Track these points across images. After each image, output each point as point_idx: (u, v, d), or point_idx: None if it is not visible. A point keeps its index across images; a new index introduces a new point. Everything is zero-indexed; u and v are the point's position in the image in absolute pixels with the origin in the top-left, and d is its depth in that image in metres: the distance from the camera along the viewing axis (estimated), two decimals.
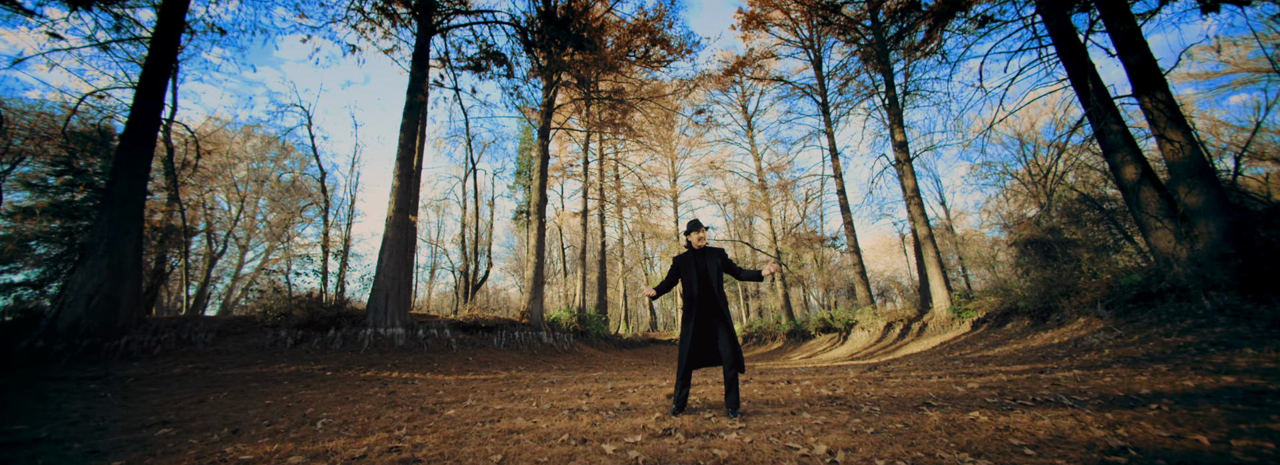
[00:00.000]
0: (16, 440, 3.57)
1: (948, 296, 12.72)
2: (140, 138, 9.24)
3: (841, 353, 13.23)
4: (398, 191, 10.26)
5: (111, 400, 5.56)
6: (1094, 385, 3.69)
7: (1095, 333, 6.96)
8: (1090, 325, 7.49)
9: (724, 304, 3.31)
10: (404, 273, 10.11)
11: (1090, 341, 6.63)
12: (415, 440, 2.35)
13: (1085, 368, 4.82)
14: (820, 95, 18.90)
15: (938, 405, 3.30)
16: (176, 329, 8.41)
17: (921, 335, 12.52)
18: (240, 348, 8.20)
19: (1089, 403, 3.10)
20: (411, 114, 10.99)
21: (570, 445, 2.30)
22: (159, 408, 4.77)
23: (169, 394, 5.88)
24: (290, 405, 4.65)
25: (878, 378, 4.97)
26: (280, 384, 6.61)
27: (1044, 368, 5.24)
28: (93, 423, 4.08)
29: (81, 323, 7.99)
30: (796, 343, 15.79)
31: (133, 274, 8.96)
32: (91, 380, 6.65)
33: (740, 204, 23.13)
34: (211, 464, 2.07)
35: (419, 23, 11.72)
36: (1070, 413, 2.86)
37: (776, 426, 2.76)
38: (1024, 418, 2.81)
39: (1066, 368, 5.02)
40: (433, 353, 9.29)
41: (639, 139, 19.52)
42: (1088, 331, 7.21)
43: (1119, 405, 2.96)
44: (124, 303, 8.54)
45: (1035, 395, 3.46)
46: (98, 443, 3.27)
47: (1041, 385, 3.92)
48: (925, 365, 6.92)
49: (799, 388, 4.29)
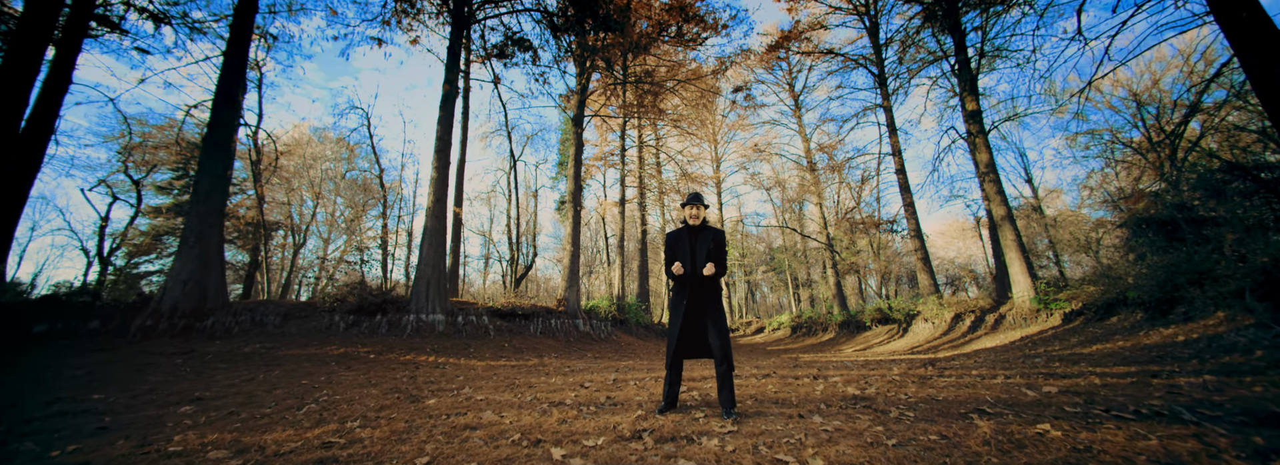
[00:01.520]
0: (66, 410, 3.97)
1: (1031, 285, 11.05)
2: (219, 141, 10.25)
3: (900, 346, 12.02)
4: (435, 183, 10.61)
5: (185, 373, 6.20)
6: (1235, 396, 2.79)
7: (1241, 330, 5.54)
8: (1234, 321, 6.00)
9: (716, 290, 2.88)
10: (443, 261, 10.47)
11: (1233, 340, 5.28)
12: (361, 434, 2.20)
13: (1223, 373, 3.77)
14: (876, 66, 17.10)
15: (994, 412, 2.65)
16: (252, 312, 9.34)
17: (997, 328, 11.03)
18: (302, 330, 8.94)
19: (1225, 419, 2.31)
20: (446, 107, 11.28)
21: (518, 447, 2.02)
22: (210, 384, 5.18)
23: (232, 371, 6.45)
24: (314, 387, 4.85)
25: (926, 375, 4.25)
26: (327, 365, 7.06)
27: (1159, 371, 4.19)
28: (150, 396, 4.46)
29: (178, 305, 9.07)
30: (850, 334, 14.63)
31: (217, 262, 10.04)
32: (179, 355, 7.50)
33: (788, 188, 21.75)
34: (151, 452, 2.03)
35: (451, 15, 11.96)
36: (1193, 431, 2.12)
37: (773, 432, 2.31)
38: (1118, 435, 2.12)
39: (1193, 372, 3.97)
40: (470, 339, 9.57)
41: (677, 124, 18.87)
42: (1229, 328, 5.77)
43: (1274, 424, 2.16)
44: (211, 288, 9.60)
45: (1141, 405, 2.67)
46: (124, 416, 3.51)
47: (1152, 393, 3.07)
48: (994, 362, 5.94)
49: (822, 385, 3.74)
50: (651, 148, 20.83)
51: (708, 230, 2.99)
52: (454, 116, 11.57)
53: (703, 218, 3.01)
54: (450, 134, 11.34)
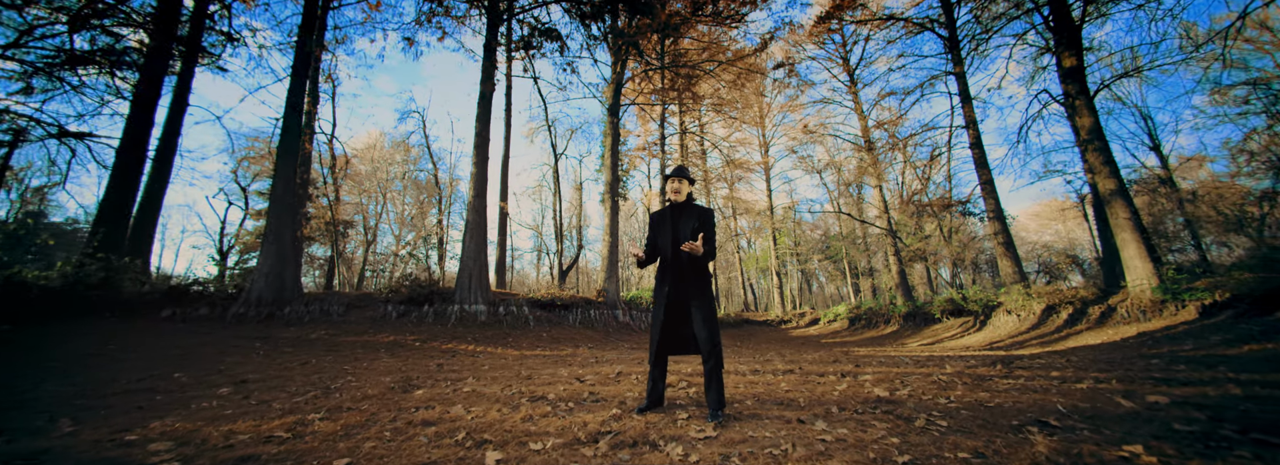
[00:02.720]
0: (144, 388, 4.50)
1: (1151, 271, 9.24)
2: (289, 147, 11.34)
3: (975, 340, 10.67)
4: (475, 179, 10.97)
5: (256, 356, 6.92)
6: None
7: None
8: None
9: (703, 275, 2.53)
10: (484, 254, 10.85)
11: None
12: (317, 427, 2.16)
13: None
14: (945, 29, 15.11)
15: (1063, 426, 2.09)
16: (320, 302, 10.31)
17: (1104, 323, 9.39)
18: (360, 319, 9.73)
19: None
20: (483, 104, 11.58)
21: (457, 447, 1.87)
22: (266, 367, 5.68)
23: (295, 355, 7.10)
24: (346, 373, 5.12)
25: (985, 375, 3.58)
26: (375, 351, 7.57)
27: None
28: (213, 376, 4.96)
29: (262, 296, 10.22)
30: (916, 327, 13.28)
31: (292, 257, 11.18)
32: (258, 340, 8.42)
33: (844, 171, 20.08)
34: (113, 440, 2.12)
35: (487, 13, 12.20)
36: None
37: (758, 440, 1.96)
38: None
39: None
40: (510, 328, 9.86)
41: (720, 109, 18.05)
42: None
43: None
44: (288, 280, 10.71)
45: None
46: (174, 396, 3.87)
47: None
48: (1090, 363, 4.96)
49: (847, 383, 3.25)
50: (694, 135, 20.18)
51: (692, 208, 2.64)
52: (491, 113, 11.86)
53: (687, 193, 2.68)
54: (488, 130, 11.64)
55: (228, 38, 12.06)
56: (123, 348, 6.96)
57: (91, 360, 5.88)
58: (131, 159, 11.59)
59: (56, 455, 1.75)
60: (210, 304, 10.28)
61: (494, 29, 12.13)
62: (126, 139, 11.71)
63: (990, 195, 13.34)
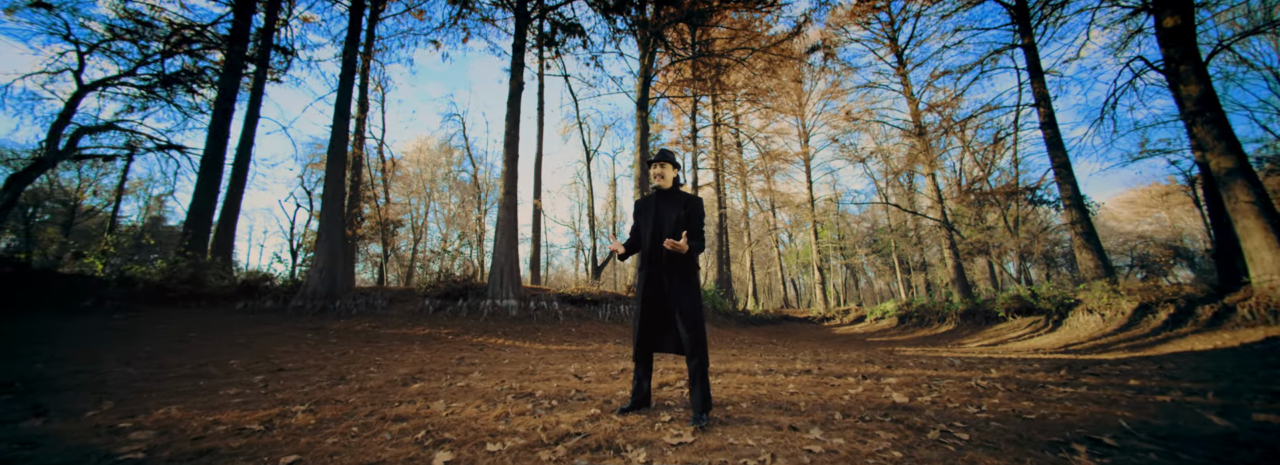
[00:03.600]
0: (200, 373, 4.91)
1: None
2: (337, 153, 12.12)
3: (1047, 342, 9.54)
4: (505, 176, 11.19)
5: (306, 346, 7.42)
6: None
7: None
8: None
9: (686, 267, 2.32)
10: (515, 250, 11.06)
11: None
12: (292, 420, 2.18)
13: None
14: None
15: (1120, 446, 1.69)
16: (366, 296, 10.97)
17: (1219, 325, 8.05)
18: (401, 312, 10.24)
19: None
20: (512, 103, 11.77)
21: (413, 446, 1.79)
22: (307, 356, 6.04)
23: (339, 346, 7.54)
24: (370, 364, 5.32)
25: (1039, 381, 3.09)
26: (409, 344, 7.90)
27: None
28: (259, 364, 5.33)
29: (317, 290, 11.01)
30: (975, 326, 12.12)
31: (341, 254, 11.98)
32: (310, 331, 9.05)
33: (892, 159, 18.64)
34: (109, 424, 2.22)
35: (515, 12, 12.38)
36: None
37: (738, 449, 1.74)
38: None
39: None
40: (540, 323, 9.99)
41: (754, 99, 17.34)
42: None
43: None
44: (338, 275, 11.48)
45: None
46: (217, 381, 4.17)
47: None
48: (1188, 372, 4.21)
49: (864, 387, 2.90)
50: (728, 126, 19.56)
51: (678, 195, 2.43)
52: (520, 112, 12.04)
53: (673, 179, 2.46)
54: (517, 129, 11.83)
55: (284, 53, 13.04)
56: (202, 335, 7.72)
57: (174, 346, 6.54)
58: (212, 168, 12.95)
59: (52, 440, 1.85)
60: (274, 297, 11.21)
61: (522, 28, 12.29)
62: (208, 150, 13.07)
63: (1066, 180, 11.86)
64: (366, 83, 17.85)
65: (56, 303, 8.99)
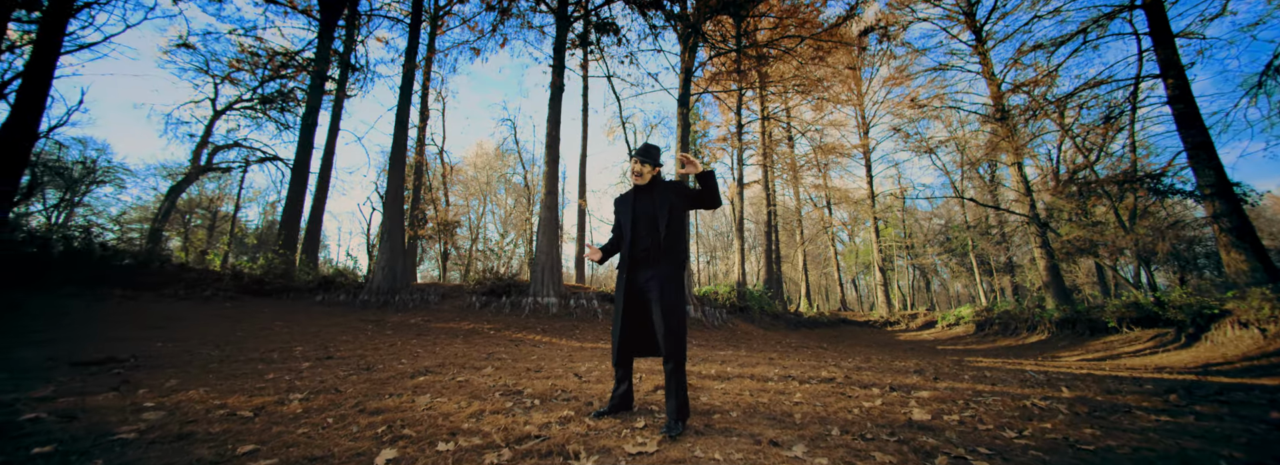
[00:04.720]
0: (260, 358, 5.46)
1: None
2: (397, 157, 13.13)
3: (1176, 359, 7.93)
4: (547, 177, 11.47)
5: (364, 337, 8.06)
6: None
7: None
8: None
9: (670, 261, 2.15)
10: (557, 249, 11.30)
11: None
12: (284, 408, 2.27)
13: None
14: None
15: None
16: (421, 292, 11.77)
17: None
18: (451, 308, 10.87)
19: None
20: (553, 104, 12.03)
21: (371, 441, 1.78)
22: (357, 346, 6.53)
23: (392, 337, 8.11)
24: (405, 355, 5.63)
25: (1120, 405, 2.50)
26: (454, 337, 8.31)
27: None
28: (314, 351, 5.84)
29: (380, 285, 12.00)
30: (1076, 337, 10.45)
31: (402, 252, 12.95)
32: (371, 323, 9.85)
33: (967, 148, 16.63)
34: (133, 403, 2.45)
35: (555, 14, 12.67)
36: None
37: (697, 464, 1.53)
38: None
39: None
40: (579, 320, 10.11)
41: (805, 90, 16.35)
42: None
43: None
44: (399, 272, 12.43)
45: None
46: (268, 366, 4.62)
47: None
48: None
49: (881, 400, 2.51)
50: (778, 120, 18.64)
51: (661, 185, 2.27)
52: (561, 113, 12.29)
53: (653, 176, 2.28)
54: (558, 130, 12.08)
55: (353, 69, 14.34)
56: (287, 324, 8.68)
57: (259, 332, 7.39)
58: (300, 176, 14.68)
59: (90, 414, 2.07)
60: (346, 291, 12.36)
61: (563, 31, 12.53)
62: (297, 160, 14.81)
63: (1206, 164, 9.75)
64: (427, 93, 19.26)
65: (189, 291, 10.65)
